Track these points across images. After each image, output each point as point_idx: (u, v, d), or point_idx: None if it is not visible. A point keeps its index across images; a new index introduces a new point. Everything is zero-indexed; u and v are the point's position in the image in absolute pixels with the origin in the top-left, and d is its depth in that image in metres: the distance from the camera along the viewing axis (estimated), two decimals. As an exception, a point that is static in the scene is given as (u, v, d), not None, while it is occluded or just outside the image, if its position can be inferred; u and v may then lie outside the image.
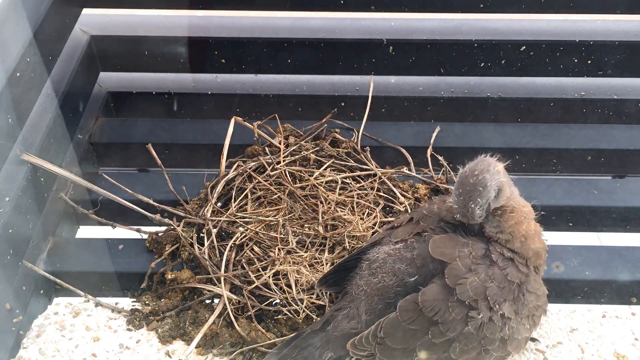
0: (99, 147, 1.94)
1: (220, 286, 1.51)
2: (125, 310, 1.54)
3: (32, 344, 1.47)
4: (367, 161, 1.80)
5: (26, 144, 1.58)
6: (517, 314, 1.23)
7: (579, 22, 2.06)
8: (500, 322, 1.21)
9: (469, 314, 1.20)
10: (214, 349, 1.46)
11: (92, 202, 1.75)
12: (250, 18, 2.07)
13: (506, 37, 2.01)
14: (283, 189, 1.71)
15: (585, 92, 2.06)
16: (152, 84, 2.09)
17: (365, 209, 1.69)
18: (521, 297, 1.24)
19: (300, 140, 1.82)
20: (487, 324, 1.21)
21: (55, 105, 1.74)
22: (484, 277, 1.21)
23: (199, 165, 1.93)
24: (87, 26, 2.00)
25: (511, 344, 1.25)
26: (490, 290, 1.21)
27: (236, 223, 1.64)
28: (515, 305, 1.23)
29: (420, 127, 1.97)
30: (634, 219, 1.79)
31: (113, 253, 1.64)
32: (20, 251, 1.51)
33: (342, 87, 2.08)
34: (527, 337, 1.29)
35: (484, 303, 1.20)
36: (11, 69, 1.51)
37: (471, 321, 1.20)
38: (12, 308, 1.45)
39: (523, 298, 1.24)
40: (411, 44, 2.01)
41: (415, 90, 2.07)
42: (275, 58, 2.03)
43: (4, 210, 1.45)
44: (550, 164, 1.95)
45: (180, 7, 2.03)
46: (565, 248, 1.66)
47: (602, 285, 1.61)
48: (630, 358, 1.45)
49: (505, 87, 2.07)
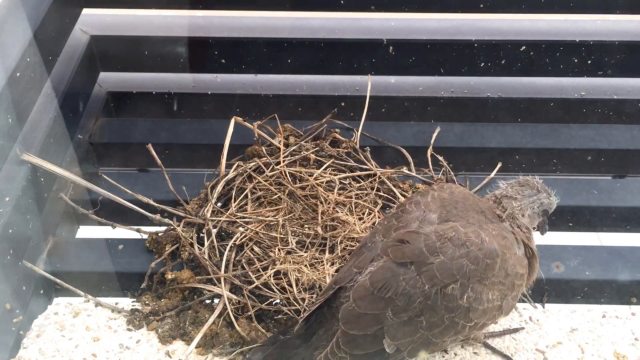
0: (99, 147, 1.94)
1: (220, 286, 1.51)
2: (125, 310, 1.54)
3: (32, 344, 1.47)
4: (367, 161, 1.80)
5: (26, 144, 1.58)
6: (480, 283, 1.22)
7: (579, 22, 2.06)
8: (458, 291, 1.20)
9: (422, 285, 1.20)
10: (214, 349, 1.46)
11: (92, 202, 1.75)
12: (250, 18, 2.07)
13: (506, 37, 2.01)
14: (283, 189, 1.71)
15: (585, 92, 2.06)
16: (152, 84, 2.09)
17: (365, 209, 1.69)
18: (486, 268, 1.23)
19: (300, 140, 1.82)
20: (444, 292, 1.20)
21: (55, 105, 1.74)
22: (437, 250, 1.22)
23: (199, 165, 1.93)
24: (87, 26, 2.00)
25: (474, 312, 1.23)
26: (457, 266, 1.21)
27: (236, 223, 1.64)
28: (478, 276, 1.22)
29: (420, 127, 1.97)
30: (634, 219, 1.79)
31: (113, 253, 1.64)
32: (20, 251, 1.51)
33: (342, 87, 2.08)
34: (498, 305, 1.26)
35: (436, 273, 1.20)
36: (11, 69, 1.51)
37: (427, 292, 1.19)
38: (12, 308, 1.45)
39: (488, 270, 1.23)
40: (411, 44, 2.01)
41: (415, 90, 2.07)
42: (275, 58, 2.03)
43: (4, 210, 1.45)
44: (550, 164, 1.95)
45: (180, 7, 2.03)
46: (565, 248, 1.66)
47: (602, 285, 1.61)
48: (630, 358, 1.45)
49: (505, 87, 2.08)
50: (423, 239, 1.23)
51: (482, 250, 1.22)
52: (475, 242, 1.23)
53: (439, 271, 1.20)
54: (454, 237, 1.23)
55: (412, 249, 1.23)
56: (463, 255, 1.21)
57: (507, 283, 1.25)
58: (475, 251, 1.22)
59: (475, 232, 1.24)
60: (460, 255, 1.21)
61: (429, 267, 1.20)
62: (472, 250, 1.22)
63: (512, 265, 1.25)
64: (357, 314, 1.22)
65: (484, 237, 1.24)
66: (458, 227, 1.24)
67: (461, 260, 1.21)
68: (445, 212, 1.29)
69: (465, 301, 1.21)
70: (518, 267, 1.27)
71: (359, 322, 1.22)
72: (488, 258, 1.22)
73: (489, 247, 1.23)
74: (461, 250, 1.22)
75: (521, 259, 1.29)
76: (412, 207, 1.32)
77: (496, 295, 1.24)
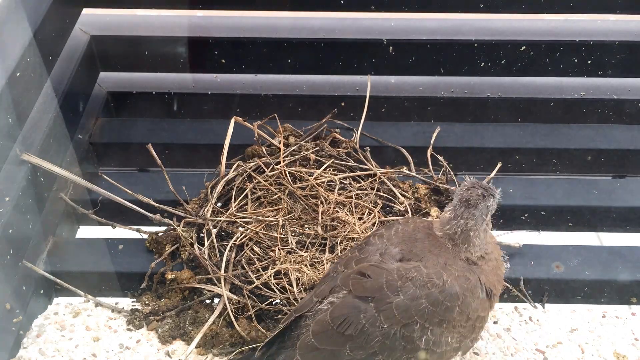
0: (99, 147, 1.94)
1: (220, 286, 1.51)
2: (125, 310, 1.54)
3: (32, 344, 1.47)
4: (367, 161, 1.80)
5: (26, 144, 1.58)
6: (439, 325, 1.20)
7: (579, 22, 2.06)
8: (417, 333, 1.19)
9: (381, 324, 1.18)
10: (214, 349, 1.46)
11: (92, 202, 1.75)
12: (250, 18, 2.07)
13: (506, 37, 2.01)
14: (283, 189, 1.71)
15: (585, 92, 2.06)
16: (152, 84, 2.09)
17: (365, 209, 1.69)
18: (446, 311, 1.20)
19: (300, 140, 1.82)
20: (403, 333, 1.18)
21: (55, 105, 1.74)
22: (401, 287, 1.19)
23: (199, 165, 1.92)
24: (87, 26, 2.00)
25: (432, 354, 1.21)
26: (403, 304, 1.18)
27: (236, 223, 1.64)
28: (437, 318, 1.20)
29: (420, 127, 1.97)
30: (634, 219, 1.79)
31: (113, 253, 1.64)
32: (20, 251, 1.51)
33: (342, 87, 2.08)
34: (456, 347, 1.24)
35: (397, 312, 1.18)
36: (11, 69, 1.51)
37: (386, 331, 1.18)
38: (12, 308, 1.45)
39: (448, 313, 1.20)
40: (411, 44, 2.01)
41: (415, 90, 2.07)
42: (275, 58, 2.03)
43: (4, 210, 1.45)
44: (550, 164, 1.95)
45: (180, 7, 2.02)
46: (565, 248, 1.66)
47: (602, 285, 1.61)
48: (630, 358, 1.45)
49: (505, 87, 2.07)
50: (385, 274, 1.21)
51: (443, 293, 1.20)
52: (437, 284, 1.20)
53: (398, 310, 1.18)
54: (415, 277, 1.20)
55: (372, 284, 1.21)
56: (423, 296, 1.19)
57: (468, 326, 1.23)
58: (435, 293, 1.19)
59: (438, 272, 1.21)
60: (420, 296, 1.19)
61: (388, 306, 1.18)
62: (432, 292, 1.19)
63: (474, 310, 1.23)
64: (315, 348, 1.20)
65: (445, 278, 1.21)
66: (420, 267, 1.22)
67: (421, 301, 1.19)
68: (408, 248, 1.26)
69: (424, 343, 1.19)
70: (480, 310, 1.24)
71: (316, 356, 1.21)
72: (448, 301, 1.20)
73: (449, 290, 1.20)
74: (422, 291, 1.19)
75: (484, 301, 1.25)
76: (376, 239, 1.30)
77: (455, 338, 1.22)
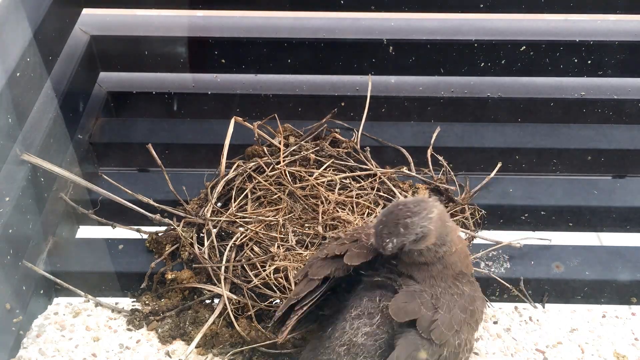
0: (99, 147, 1.94)
1: (220, 286, 1.51)
2: (125, 310, 1.54)
3: (32, 344, 1.47)
4: (367, 161, 1.80)
5: (26, 144, 1.58)
6: (469, 325, 1.21)
7: (579, 22, 2.06)
8: (463, 342, 1.19)
9: (440, 352, 1.17)
10: (214, 349, 1.46)
11: (92, 202, 1.75)
12: (250, 18, 2.07)
13: (506, 37, 2.01)
14: (283, 189, 1.71)
15: (585, 92, 2.06)
16: (152, 84, 2.09)
17: (365, 209, 1.69)
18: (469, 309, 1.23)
19: (300, 140, 1.82)
20: (455, 349, 1.18)
21: (55, 105, 1.74)
22: (446, 309, 1.19)
23: (199, 165, 1.93)
24: (87, 26, 2.00)
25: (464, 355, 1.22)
26: (455, 318, 1.19)
27: (236, 223, 1.64)
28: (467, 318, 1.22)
29: (420, 127, 1.97)
30: (634, 219, 1.79)
31: (113, 253, 1.64)
32: (20, 251, 1.51)
33: (342, 87, 2.08)
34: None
35: (452, 333, 1.18)
36: (11, 69, 1.51)
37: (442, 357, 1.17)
38: (12, 308, 1.45)
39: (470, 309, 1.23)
40: (411, 44, 2.01)
41: (415, 90, 2.07)
42: (275, 58, 2.03)
43: (4, 210, 1.45)
44: (550, 164, 1.95)
45: (180, 7, 2.02)
46: (565, 248, 1.66)
47: (602, 285, 1.61)
48: (630, 358, 1.45)
49: (505, 87, 2.07)
50: (417, 297, 1.18)
51: (466, 298, 1.21)
52: (460, 293, 1.21)
53: (444, 326, 1.16)
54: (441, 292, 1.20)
55: (412, 308, 1.17)
56: (455, 305, 1.19)
57: (476, 317, 1.25)
58: (463, 302, 1.21)
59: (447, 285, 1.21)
60: (453, 306, 1.19)
61: (435, 324, 1.16)
62: (460, 301, 1.20)
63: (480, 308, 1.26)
64: None
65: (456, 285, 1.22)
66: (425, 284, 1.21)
67: (455, 311, 1.19)
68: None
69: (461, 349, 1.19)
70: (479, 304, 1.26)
71: None
72: (470, 305, 1.22)
73: (469, 295, 1.22)
74: (452, 302, 1.19)
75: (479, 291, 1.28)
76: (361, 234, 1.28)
77: (472, 334, 1.24)
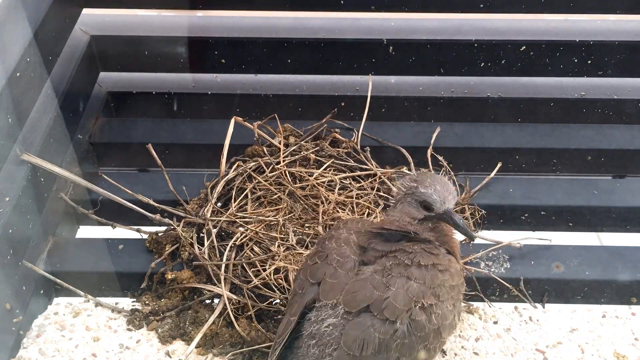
0: (99, 147, 1.94)
1: (220, 286, 1.51)
2: (125, 310, 1.54)
3: (32, 344, 1.47)
4: (367, 161, 1.80)
5: (26, 144, 1.58)
6: (439, 299, 1.20)
7: (579, 22, 2.06)
8: (425, 316, 1.18)
9: (395, 328, 1.16)
10: (214, 349, 1.46)
11: (92, 202, 1.75)
12: (250, 18, 2.07)
13: (506, 37, 2.01)
14: (283, 189, 1.71)
15: (585, 92, 2.06)
16: (152, 84, 2.09)
17: (365, 209, 1.69)
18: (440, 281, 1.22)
19: (300, 140, 1.82)
20: (414, 325, 1.18)
21: (55, 105, 1.74)
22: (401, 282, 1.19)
23: (199, 165, 1.93)
24: (87, 26, 2.00)
25: (444, 329, 1.21)
26: (411, 290, 1.18)
27: (236, 223, 1.64)
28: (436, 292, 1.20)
29: (420, 127, 1.97)
30: (634, 219, 1.79)
31: (113, 253, 1.64)
32: (20, 251, 1.51)
33: (342, 87, 2.08)
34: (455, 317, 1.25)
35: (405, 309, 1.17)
36: (11, 69, 1.51)
37: (398, 331, 1.17)
38: (12, 308, 1.45)
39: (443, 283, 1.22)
40: (411, 44, 2.01)
41: (415, 90, 2.07)
42: (275, 58, 2.03)
43: (4, 210, 1.45)
44: (550, 164, 1.95)
45: (180, 7, 2.02)
46: (565, 248, 1.66)
47: (602, 285, 1.61)
48: (630, 358, 1.45)
49: (505, 87, 2.07)
50: (369, 282, 1.19)
51: (426, 268, 1.21)
52: (415, 263, 1.21)
53: (397, 301, 1.17)
54: (393, 265, 1.20)
55: (363, 294, 1.19)
56: (414, 278, 1.19)
57: (454, 293, 1.24)
58: (424, 271, 1.20)
59: (411, 255, 1.22)
60: (413, 278, 1.19)
61: (388, 302, 1.17)
62: (418, 271, 1.20)
63: (453, 274, 1.24)
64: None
65: (417, 258, 1.22)
66: (390, 260, 1.22)
67: (411, 282, 1.19)
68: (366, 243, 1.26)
69: (434, 321, 1.19)
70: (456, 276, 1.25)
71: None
72: (432, 274, 1.21)
73: (431, 264, 1.21)
74: (412, 273, 1.20)
75: (451, 260, 1.27)
76: (332, 243, 1.28)
77: (451, 304, 1.23)
